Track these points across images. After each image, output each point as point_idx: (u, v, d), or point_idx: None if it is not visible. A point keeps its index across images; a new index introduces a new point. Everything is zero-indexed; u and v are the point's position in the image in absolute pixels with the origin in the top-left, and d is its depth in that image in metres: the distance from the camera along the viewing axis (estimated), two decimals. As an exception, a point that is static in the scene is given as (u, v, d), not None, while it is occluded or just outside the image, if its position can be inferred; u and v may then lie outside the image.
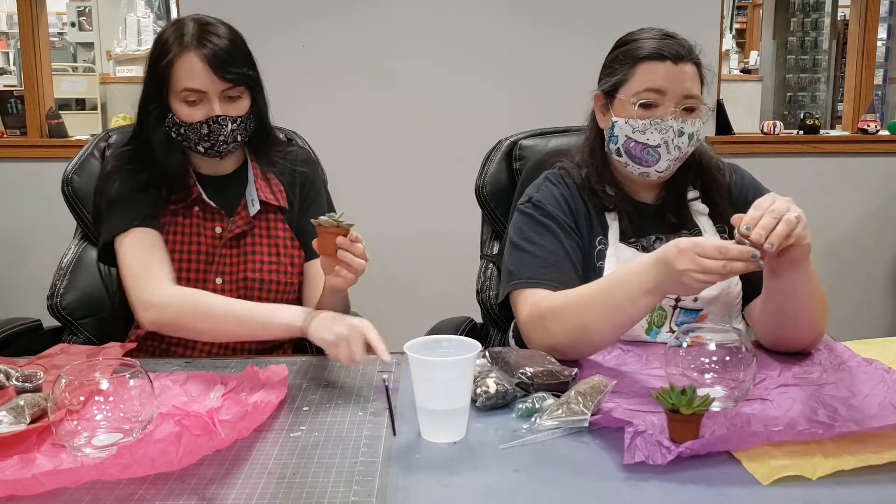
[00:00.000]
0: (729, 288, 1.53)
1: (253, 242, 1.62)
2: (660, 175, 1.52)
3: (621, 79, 1.52)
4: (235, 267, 1.61)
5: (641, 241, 1.55)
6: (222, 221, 1.61)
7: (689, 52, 1.50)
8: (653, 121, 1.48)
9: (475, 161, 1.95)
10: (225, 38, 1.53)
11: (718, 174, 1.60)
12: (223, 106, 1.52)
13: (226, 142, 1.55)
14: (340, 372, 1.39)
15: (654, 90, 1.48)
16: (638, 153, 1.51)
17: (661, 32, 1.52)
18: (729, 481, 0.99)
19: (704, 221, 1.58)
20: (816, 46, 7.32)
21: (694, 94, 1.49)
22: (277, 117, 1.94)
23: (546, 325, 1.40)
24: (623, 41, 1.57)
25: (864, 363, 1.36)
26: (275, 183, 1.66)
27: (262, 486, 0.99)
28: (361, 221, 3.57)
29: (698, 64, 1.51)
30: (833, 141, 3.50)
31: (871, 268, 3.49)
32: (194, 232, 1.60)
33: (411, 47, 3.17)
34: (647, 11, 3.04)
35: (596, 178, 1.57)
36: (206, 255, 1.60)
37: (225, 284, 1.59)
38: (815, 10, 7.32)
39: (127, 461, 0.98)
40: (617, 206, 1.56)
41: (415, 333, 1.20)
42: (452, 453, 1.08)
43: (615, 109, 1.53)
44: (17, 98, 3.45)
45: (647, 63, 1.49)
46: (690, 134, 1.49)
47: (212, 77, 1.50)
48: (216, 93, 1.51)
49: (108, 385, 1.07)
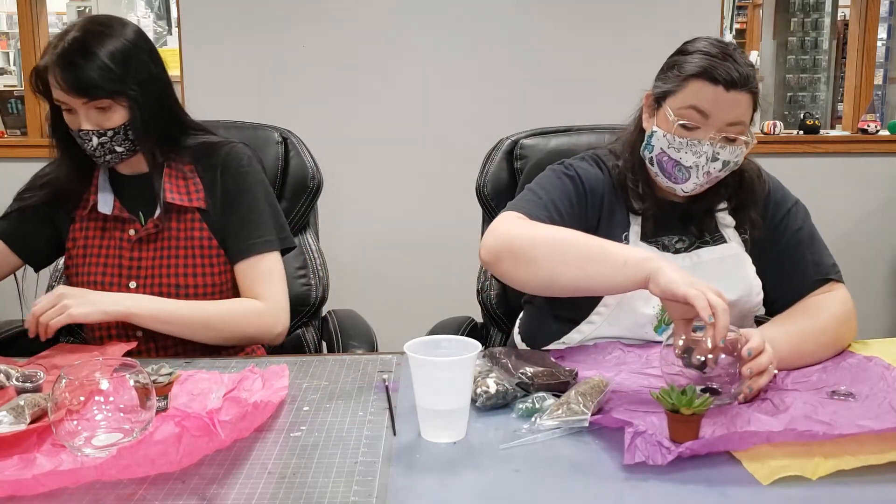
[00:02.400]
0: (749, 295, 1.51)
1: (168, 246, 1.58)
2: (685, 193, 1.50)
3: (670, 90, 1.45)
4: (150, 271, 1.57)
5: (662, 241, 1.54)
6: (134, 224, 1.59)
7: (745, 80, 1.40)
8: (690, 141, 1.43)
9: (476, 160, 1.95)
10: (96, 53, 1.46)
11: (758, 184, 1.57)
12: (91, 118, 1.50)
13: (101, 150, 1.52)
14: (340, 372, 1.39)
15: (697, 110, 1.41)
16: (669, 168, 1.47)
17: (722, 51, 1.42)
18: (729, 481, 0.99)
19: (730, 233, 1.56)
20: (816, 46, 7.32)
21: (740, 122, 1.42)
22: (278, 117, 1.94)
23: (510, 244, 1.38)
24: (683, 49, 1.49)
25: (864, 360, 1.36)
26: (193, 182, 1.61)
27: (262, 486, 0.99)
28: (362, 222, 3.59)
29: (755, 92, 1.43)
30: (833, 141, 3.50)
31: (872, 268, 3.49)
32: (106, 235, 1.59)
33: (411, 47, 3.17)
34: (649, 11, 3.05)
35: (631, 175, 1.55)
36: (120, 258, 1.58)
37: (139, 289, 1.56)
38: (815, 10, 7.32)
39: (127, 462, 0.98)
40: (644, 211, 1.53)
41: (415, 333, 1.20)
42: (452, 453, 1.08)
43: (658, 118, 1.48)
44: (17, 98, 3.45)
45: (698, 82, 1.41)
46: (725, 161, 1.44)
47: (68, 92, 1.47)
48: (79, 106, 1.49)
49: (108, 385, 1.07)
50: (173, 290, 1.57)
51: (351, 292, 2.24)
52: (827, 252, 1.57)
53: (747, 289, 1.51)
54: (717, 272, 1.47)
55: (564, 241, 1.36)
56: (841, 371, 1.34)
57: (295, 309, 1.91)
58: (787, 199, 1.60)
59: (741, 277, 1.51)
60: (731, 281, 1.48)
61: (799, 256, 1.54)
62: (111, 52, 1.48)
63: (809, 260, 1.54)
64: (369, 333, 1.83)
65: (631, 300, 1.47)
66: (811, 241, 1.56)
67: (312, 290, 1.92)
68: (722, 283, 1.35)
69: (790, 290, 1.53)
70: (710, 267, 1.50)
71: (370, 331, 1.84)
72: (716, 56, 1.41)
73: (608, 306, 1.50)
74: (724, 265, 1.51)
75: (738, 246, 1.55)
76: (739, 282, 1.51)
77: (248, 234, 1.60)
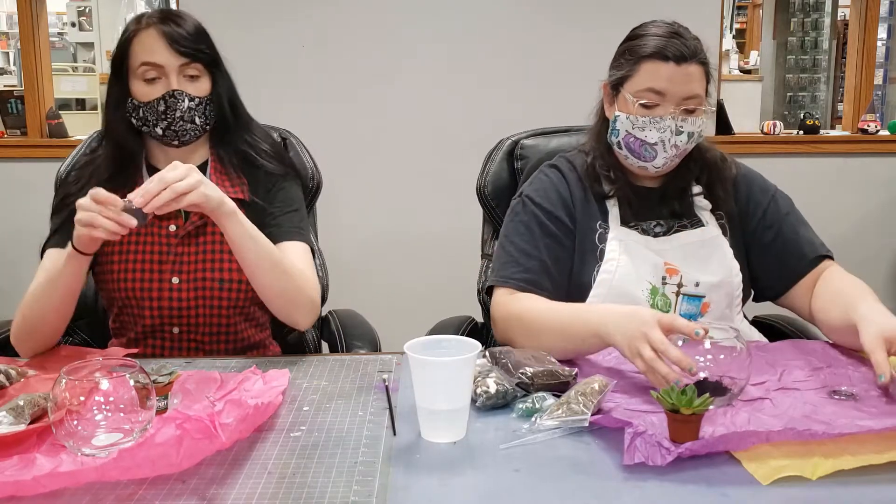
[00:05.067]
0: (730, 277, 1.55)
1: (212, 241, 1.58)
2: (657, 170, 1.55)
3: (625, 74, 1.53)
4: (194, 265, 1.57)
5: (641, 225, 1.58)
6: (176, 220, 1.58)
7: (693, 52, 1.49)
8: (652, 118, 1.49)
9: (476, 160, 1.95)
10: (186, 20, 1.55)
11: (723, 166, 1.62)
12: (181, 83, 1.52)
13: (182, 119, 1.52)
14: (340, 372, 1.39)
15: (654, 91, 1.49)
16: (637, 148, 1.53)
17: (669, 30, 1.51)
18: (729, 481, 0.99)
19: (707, 216, 1.60)
20: (816, 46, 7.32)
21: (695, 94, 1.50)
22: (278, 117, 1.94)
23: (510, 326, 1.48)
24: (632, 35, 1.57)
25: (864, 360, 1.36)
26: (236, 175, 1.62)
27: (262, 486, 0.99)
28: (363, 222, 3.59)
29: (704, 63, 1.51)
30: (833, 141, 3.50)
31: (872, 268, 3.49)
32: (148, 231, 1.57)
33: (411, 47, 3.17)
34: (648, 10, 3.03)
35: (601, 162, 1.60)
36: (161, 255, 1.57)
37: (182, 284, 1.56)
38: (815, 10, 7.32)
39: (128, 464, 0.98)
40: (617, 193, 1.58)
41: (415, 333, 1.20)
42: (452, 453, 1.08)
43: (619, 104, 1.55)
44: (17, 98, 3.45)
45: (651, 62, 1.49)
46: (690, 133, 1.50)
47: (168, 50, 1.50)
48: (174, 68, 1.51)
49: (108, 385, 1.07)
50: (216, 284, 1.57)
51: (351, 292, 2.24)
52: (815, 233, 1.63)
53: (727, 270, 1.56)
54: (697, 255, 1.54)
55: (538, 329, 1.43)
56: (841, 371, 1.34)
57: (295, 309, 1.91)
58: (768, 187, 1.66)
59: (720, 259, 1.56)
60: (713, 263, 1.55)
61: (792, 238, 1.59)
62: (206, 32, 1.58)
63: (803, 240, 1.59)
64: (371, 333, 1.83)
65: (620, 285, 1.52)
66: (800, 223, 1.62)
67: (312, 291, 1.91)
68: (704, 266, 1.51)
69: (788, 271, 1.58)
70: (690, 250, 1.56)
71: (372, 331, 1.84)
72: (663, 35, 1.50)
73: (598, 296, 1.53)
74: (705, 248, 1.56)
75: (716, 229, 1.59)
76: (720, 264, 1.56)
77: (289, 221, 1.61)
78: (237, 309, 1.60)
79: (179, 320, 1.57)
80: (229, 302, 1.58)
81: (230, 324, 1.60)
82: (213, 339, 1.60)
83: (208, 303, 1.57)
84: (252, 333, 1.65)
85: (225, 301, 1.57)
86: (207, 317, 1.58)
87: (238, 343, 1.62)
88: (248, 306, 1.62)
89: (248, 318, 1.64)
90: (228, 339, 1.61)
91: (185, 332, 1.59)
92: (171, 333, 1.59)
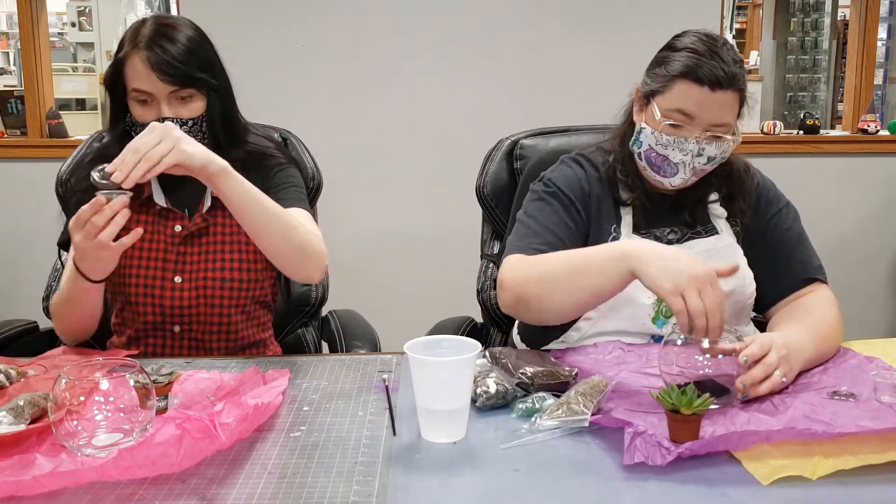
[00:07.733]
0: (743, 286, 1.53)
1: (214, 241, 1.59)
2: (674, 187, 1.52)
3: (657, 89, 1.47)
4: (197, 265, 1.58)
5: (654, 233, 1.56)
6: (182, 220, 1.59)
7: (731, 79, 1.41)
8: (677, 138, 1.45)
9: (476, 161, 1.95)
10: (179, 40, 1.50)
11: (746, 177, 1.59)
12: (173, 107, 1.51)
13: None
14: (340, 372, 1.40)
15: (683, 112, 1.44)
16: (658, 163, 1.50)
17: (710, 47, 1.43)
18: (729, 481, 0.99)
19: (722, 224, 1.58)
20: (816, 46, 7.32)
21: (724, 122, 1.44)
22: (277, 117, 1.94)
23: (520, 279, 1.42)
24: (671, 44, 1.50)
25: (865, 361, 1.36)
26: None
27: (262, 486, 0.99)
28: (362, 221, 3.58)
29: (741, 90, 1.44)
30: (833, 141, 3.49)
31: (872, 268, 3.49)
32: (152, 230, 1.58)
33: (411, 47, 3.17)
34: (649, 11, 3.05)
35: (621, 167, 1.57)
36: (165, 254, 1.58)
37: (184, 283, 1.57)
38: (815, 10, 7.32)
39: (128, 464, 0.98)
40: (633, 201, 1.56)
41: (415, 333, 1.20)
42: (452, 453, 1.08)
43: (647, 115, 1.51)
44: (17, 98, 3.45)
45: (684, 83, 1.42)
46: (711, 156, 1.46)
47: (155, 80, 1.48)
48: (163, 95, 1.50)
49: (108, 385, 1.07)
50: (218, 283, 1.57)
51: (351, 292, 2.24)
52: (815, 254, 1.59)
53: (740, 280, 1.52)
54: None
55: (553, 270, 1.39)
56: (842, 372, 1.33)
57: (295, 309, 1.92)
58: (779, 198, 1.62)
59: None
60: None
61: (787, 255, 1.57)
62: (204, 44, 1.55)
63: (797, 259, 1.57)
64: (372, 333, 1.83)
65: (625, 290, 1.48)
66: (800, 241, 1.59)
67: (312, 290, 1.92)
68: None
69: (776, 286, 1.56)
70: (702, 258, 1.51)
71: (372, 331, 1.84)
72: (703, 54, 1.42)
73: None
74: (717, 256, 1.53)
75: (730, 237, 1.57)
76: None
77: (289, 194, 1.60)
78: (239, 308, 1.60)
79: (181, 319, 1.58)
80: (231, 301, 1.58)
81: (231, 322, 1.60)
82: (213, 338, 1.60)
83: (210, 301, 1.57)
84: (253, 333, 1.65)
85: (227, 300, 1.58)
86: (209, 315, 1.58)
87: (239, 342, 1.63)
88: (250, 305, 1.62)
89: (250, 318, 1.64)
90: (229, 338, 1.61)
91: (186, 331, 1.59)
92: (171, 332, 1.59)
